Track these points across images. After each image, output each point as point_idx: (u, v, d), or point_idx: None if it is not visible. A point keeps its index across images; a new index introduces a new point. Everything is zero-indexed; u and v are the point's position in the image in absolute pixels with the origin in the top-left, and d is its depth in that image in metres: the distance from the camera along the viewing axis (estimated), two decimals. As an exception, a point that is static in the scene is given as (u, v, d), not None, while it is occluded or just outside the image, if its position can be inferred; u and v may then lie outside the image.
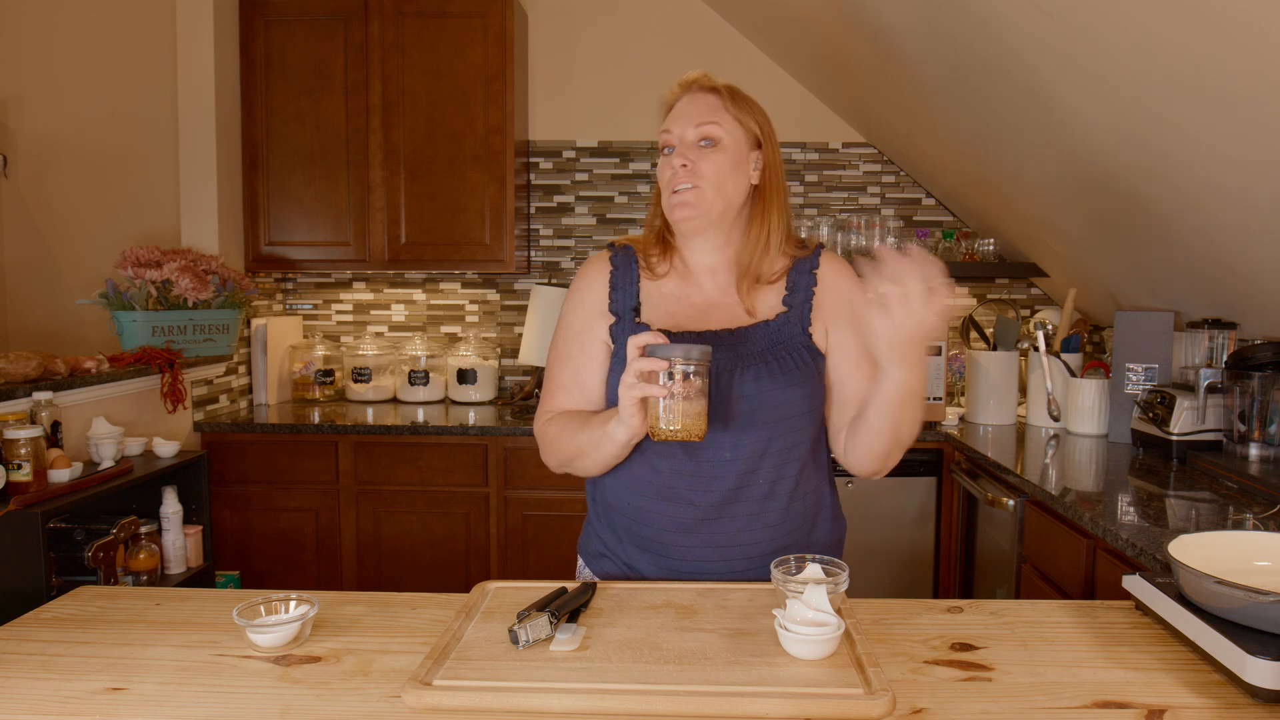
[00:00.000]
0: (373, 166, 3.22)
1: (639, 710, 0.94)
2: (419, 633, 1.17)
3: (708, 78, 1.40)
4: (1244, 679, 0.95)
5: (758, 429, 1.30)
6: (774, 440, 1.31)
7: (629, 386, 1.18)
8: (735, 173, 1.36)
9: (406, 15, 3.17)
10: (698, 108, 1.37)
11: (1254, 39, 1.47)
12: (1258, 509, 1.82)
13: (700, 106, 1.36)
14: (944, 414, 2.96)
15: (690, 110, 1.37)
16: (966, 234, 3.34)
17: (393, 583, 2.98)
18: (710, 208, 1.34)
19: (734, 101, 1.38)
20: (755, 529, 1.33)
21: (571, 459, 1.36)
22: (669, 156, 1.37)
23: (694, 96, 1.38)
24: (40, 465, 1.99)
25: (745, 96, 1.41)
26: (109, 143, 3.44)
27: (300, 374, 3.43)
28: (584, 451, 1.32)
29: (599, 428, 1.28)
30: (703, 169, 1.33)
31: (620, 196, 3.58)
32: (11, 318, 3.50)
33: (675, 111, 1.39)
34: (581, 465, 1.35)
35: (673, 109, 1.40)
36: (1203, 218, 2.09)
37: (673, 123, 1.37)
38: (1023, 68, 2.13)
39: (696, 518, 1.32)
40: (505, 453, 2.94)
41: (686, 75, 1.42)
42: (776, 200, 1.40)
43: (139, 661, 1.08)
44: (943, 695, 0.99)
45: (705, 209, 1.34)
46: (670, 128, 1.37)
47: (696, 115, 1.36)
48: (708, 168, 1.33)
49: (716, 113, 1.36)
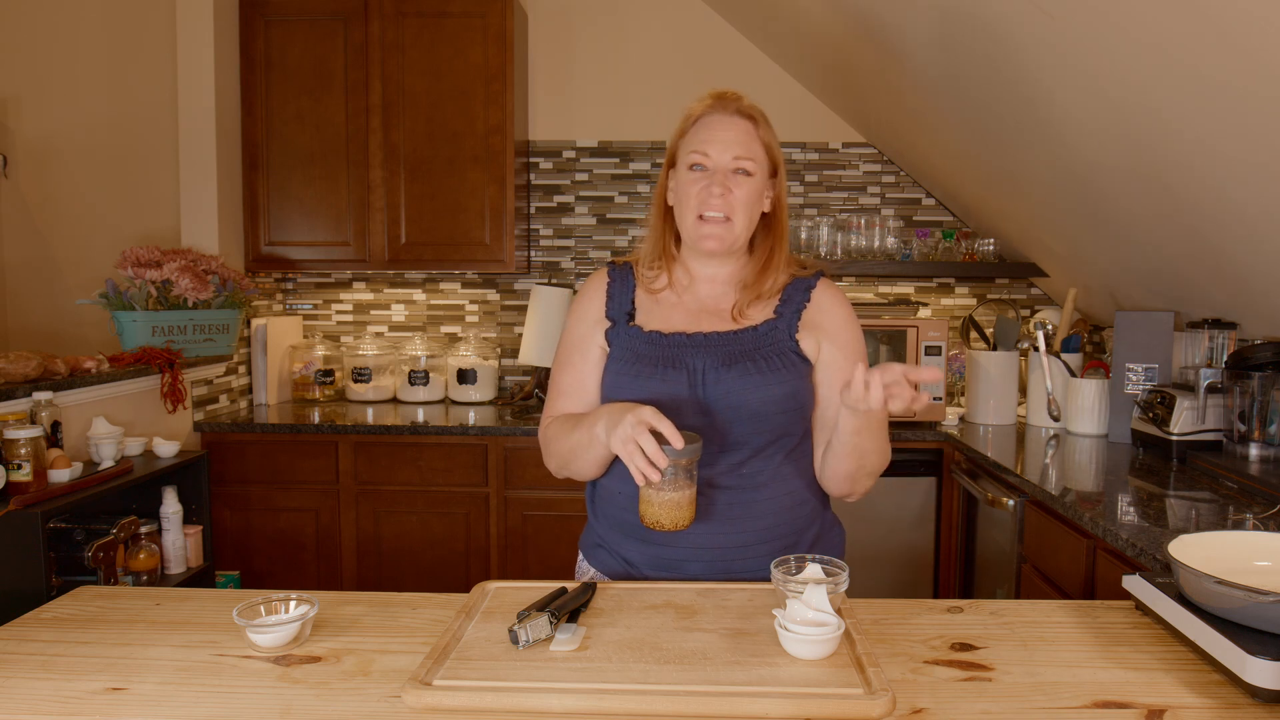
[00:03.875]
0: (373, 166, 3.22)
1: (639, 710, 0.94)
2: (419, 633, 1.17)
3: (744, 102, 1.40)
4: (1244, 679, 0.95)
5: (743, 423, 1.34)
6: (759, 435, 1.35)
7: (626, 441, 1.20)
8: (758, 203, 1.41)
9: (406, 15, 3.17)
10: (736, 135, 1.37)
11: (1255, 40, 1.47)
12: (1258, 509, 1.82)
13: (738, 134, 1.37)
14: (944, 414, 2.96)
15: (727, 136, 1.37)
16: (966, 234, 3.34)
17: (393, 583, 2.98)
18: (736, 238, 1.39)
19: (764, 129, 1.40)
20: (742, 519, 1.36)
21: (567, 461, 1.41)
22: (699, 175, 1.37)
23: (729, 120, 1.38)
24: (40, 465, 1.99)
25: (769, 123, 1.42)
26: (109, 143, 3.44)
27: (300, 374, 3.43)
28: (576, 453, 1.37)
29: (587, 430, 1.32)
30: (735, 200, 1.36)
31: (620, 196, 3.58)
32: (11, 318, 3.50)
33: (710, 133, 1.37)
34: (576, 467, 1.40)
35: (701, 122, 1.39)
36: (1203, 218, 2.09)
37: (709, 145, 1.37)
38: (1023, 68, 2.13)
39: None
40: (505, 453, 2.94)
41: (718, 90, 1.41)
42: (781, 225, 1.45)
43: (139, 661, 1.09)
44: (943, 695, 0.99)
45: (732, 240, 1.39)
46: (707, 150, 1.37)
47: (735, 144, 1.36)
48: (739, 198, 1.36)
49: (752, 143, 1.37)
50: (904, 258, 3.36)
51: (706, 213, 1.36)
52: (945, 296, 3.55)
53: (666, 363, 1.37)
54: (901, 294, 3.54)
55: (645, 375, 1.36)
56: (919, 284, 3.54)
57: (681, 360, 1.36)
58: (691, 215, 1.38)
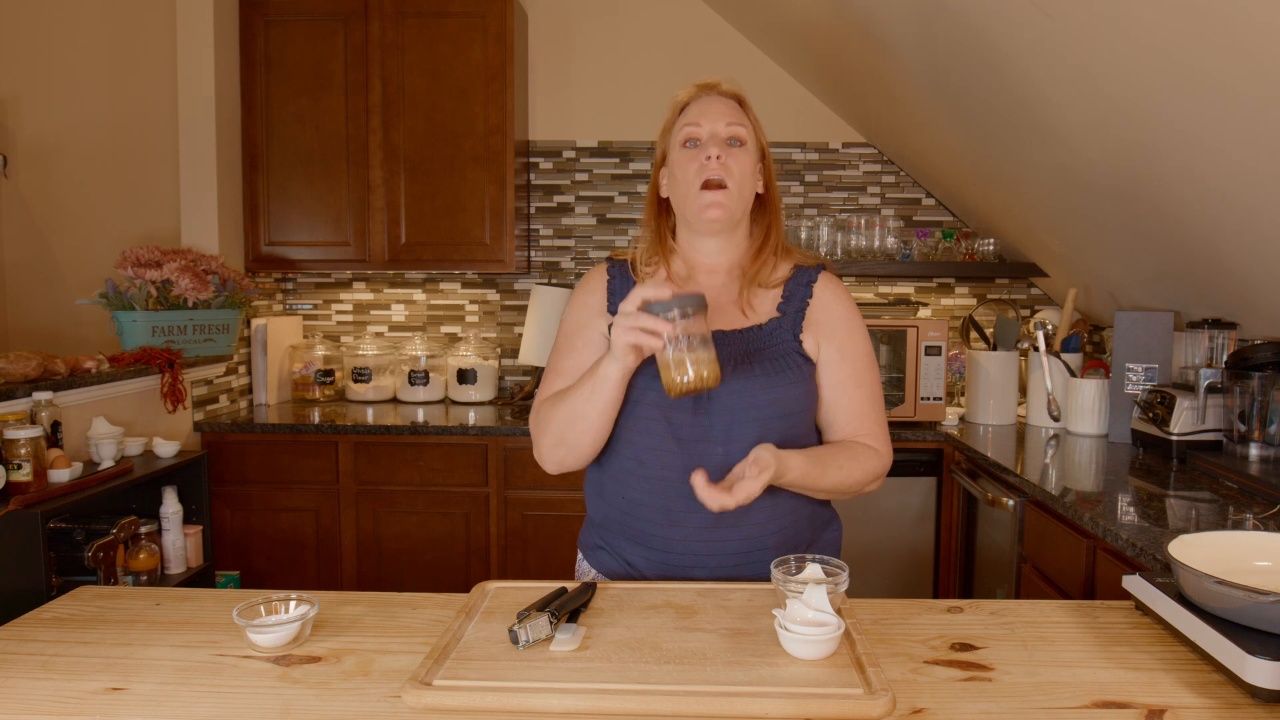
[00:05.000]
0: (373, 166, 3.22)
1: (639, 710, 0.94)
2: (419, 633, 1.17)
3: (728, 82, 1.43)
4: (1244, 679, 0.95)
5: (748, 425, 1.33)
6: (764, 437, 1.33)
7: (625, 330, 1.19)
8: (754, 176, 1.41)
9: (406, 15, 3.17)
10: (724, 108, 1.39)
11: (1256, 41, 1.47)
12: (1258, 509, 1.82)
13: (724, 108, 1.39)
14: (944, 414, 2.96)
15: (717, 109, 1.39)
16: (966, 234, 3.34)
17: (393, 583, 2.98)
18: (736, 208, 1.38)
19: (749, 110, 1.43)
20: (745, 524, 1.34)
21: (564, 429, 1.34)
22: (696, 149, 1.37)
23: (715, 99, 1.40)
24: (40, 465, 1.99)
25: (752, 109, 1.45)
26: (109, 143, 3.44)
27: (300, 374, 3.43)
28: (576, 413, 1.31)
29: (589, 376, 1.29)
30: (733, 166, 1.36)
31: (620, 196, 3.58)
32: (11, 318, 3.50)
33: (699, 108, 1.40)
34: (575, 433, 1.33)
35: (691, 105, 1.41)
36: (1203, 219, 2.09)
37: (700, 117, 1.38)
38: (1022, 68, 2.13)
39: (687, 511, 1.33)
40: (505, 453, 2.94)
41: (704, 78, 1.44)
42: (774, 205, 1.46)
43: (139, 661, 1.08)
44: (943, 695, 0.99)
45: (733, 209, 1.37)
46: (699, 121, 1.38)
47: (726, 114, 1.38)
48: (736, 166, 1.36)
49: (741, 116, 1.40)
50: (904, 258, 3.36)
51: (708, 178, 1.35)
52: (945, 296, 3.55)
53: None
54: (901, 294, 3.54)
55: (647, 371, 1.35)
56: (919, 284, 3.54)
57: None
58: (693, 188, 1.36)
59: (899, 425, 2.93)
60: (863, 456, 1.37)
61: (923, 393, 2.93)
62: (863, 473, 1.36)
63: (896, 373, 3.02)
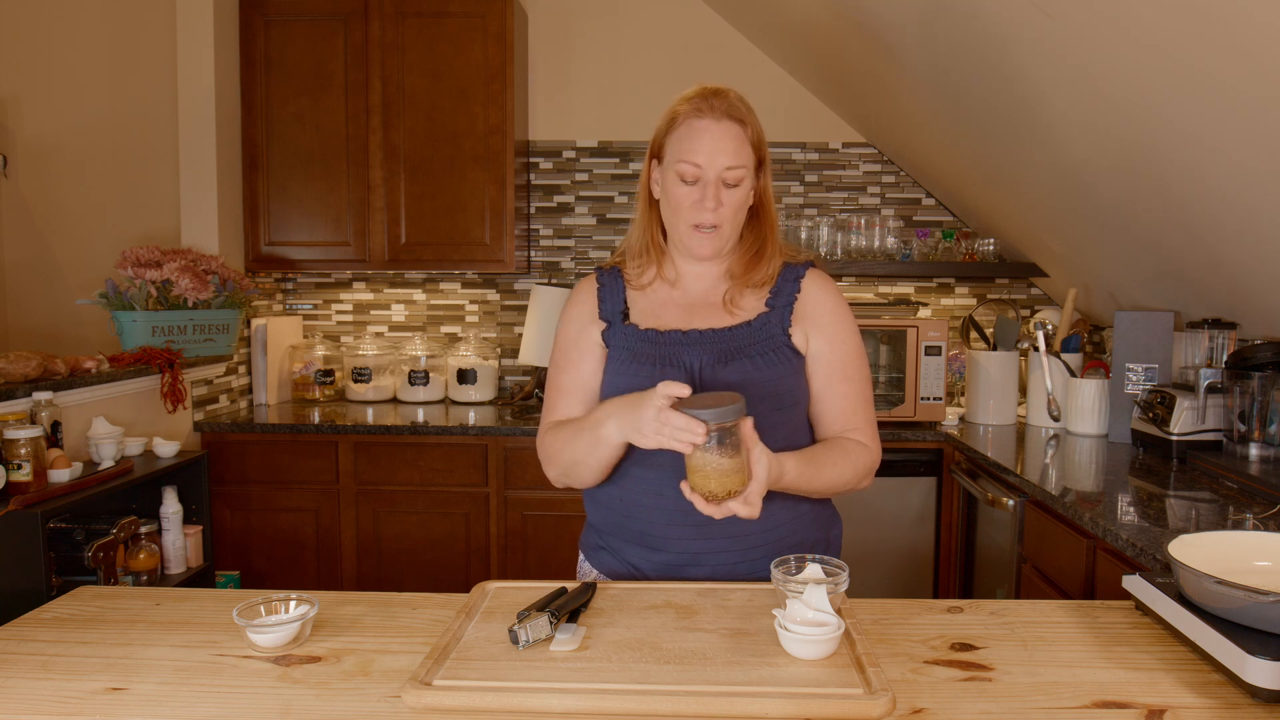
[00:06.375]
0: (373, 166, 3.22)
1: (639, 710, 0.94)
2: (419, 633, 1.17)
3: (730, 100, 1.36)
4: (1244, 679, 0.95)
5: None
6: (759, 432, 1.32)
7: (656, 433, 1.18)
8: (745, 205, 1.41)
9: (406, 15, 3.17)
10: (725, 143, 1.34)
11: (1256, 41, 1.47)
12: (1258, 509, 1.82)
13: (728, 143, 1.34)
14: (944, 414, 2.96)
15: (717, 145, 1.34)
16: (966, 234, 3.34)
17: (393, 583, 2.98)
18: (726, 244, 1.41)
19: (751, 128, 1.37)
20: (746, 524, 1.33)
21: (568, 469, 1.40)
22: (692, 187, 1.36)
23: (718, 126, 1.34)
24: (40, 465, 1.99)
25: (754, 115, 1.40)
26: (109, 143, 3.44)
27: (300, 374, 3.43)
28: (579, 461, 1.36)
29: (590, 433, 1.31)
30: (726, 211, 1.37)
31: (620, 196, 3.58)
32: (11, 318, 3.50)
33: (699, 141, 1.34)
34: (579, 474, 1.39)
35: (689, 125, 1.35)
36: (1203, 219, 2.09)
37: (699, 155, 1.34)
38: (1022, 68, 2.13)
39: (685, 510, 1.32)
40: (505, 453, 2.94)
41: (705, 87, 1.38)
42: (767, 216, 1.45)
43: (139, 661, 1.08)
44: (943, 695, 0.99)
45: (723, 245, 1.40)
46: (699, 161, 1.34)
47: (725, 153, 1.34)
48: (730, 206, 1.37)
49: (742, 151, 1.35)
50: (904, 258, 3.36)
51: (701, 222, 1.36)
52: (945, 296, 3.55)
53: (664, 360, 1.37)
54: (901, 294, 3.54)
55: (644, 374, 1.36)
56: (919, 284, 3.54)
57: (678, 358, 1.36)
58: (684, 225, 1.38)
59: (899, 425, 2.93)
60: (855, 454, 1.38)
61: (923, 393, 2.93)
62: (855, 470, 1.37)
63: (896, 373, 3.02)
